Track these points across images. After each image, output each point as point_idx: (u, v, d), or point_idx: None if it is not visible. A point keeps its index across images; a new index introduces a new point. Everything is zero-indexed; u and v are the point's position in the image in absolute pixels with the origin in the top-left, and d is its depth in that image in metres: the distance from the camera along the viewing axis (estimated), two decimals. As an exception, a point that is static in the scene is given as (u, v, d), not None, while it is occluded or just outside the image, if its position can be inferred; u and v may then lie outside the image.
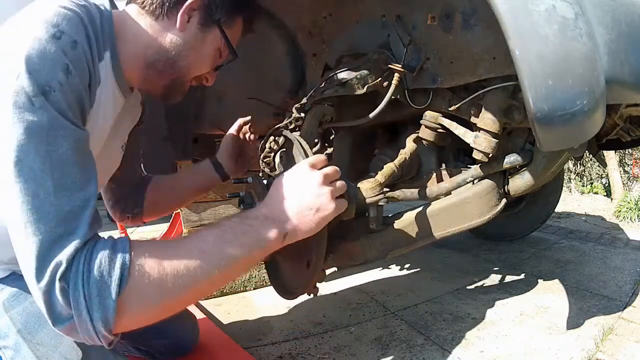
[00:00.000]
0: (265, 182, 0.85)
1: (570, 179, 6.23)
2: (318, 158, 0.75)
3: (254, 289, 1.75)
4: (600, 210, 3.46)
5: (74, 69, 0.57)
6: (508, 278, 1.73)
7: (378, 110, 0.98)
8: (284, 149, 0.99)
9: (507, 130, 0.97)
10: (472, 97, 0.94)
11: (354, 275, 1.82)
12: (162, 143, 1.28)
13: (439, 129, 1.00)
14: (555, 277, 1.69)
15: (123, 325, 0.54)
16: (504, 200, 1.01)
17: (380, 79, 0.99)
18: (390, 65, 0.98)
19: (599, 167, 6.01)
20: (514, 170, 1.01)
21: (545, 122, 0.66)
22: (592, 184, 6.10)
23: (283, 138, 0.98)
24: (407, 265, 1.96)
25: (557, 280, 1.65)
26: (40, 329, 0.70)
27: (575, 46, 0.63)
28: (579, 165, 6.43)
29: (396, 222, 1.00)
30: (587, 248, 2.10)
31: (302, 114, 1.01)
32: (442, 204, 1.00)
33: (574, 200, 4.05)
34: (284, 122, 1.01)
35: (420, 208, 1.01)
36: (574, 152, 0.93)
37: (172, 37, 0.71)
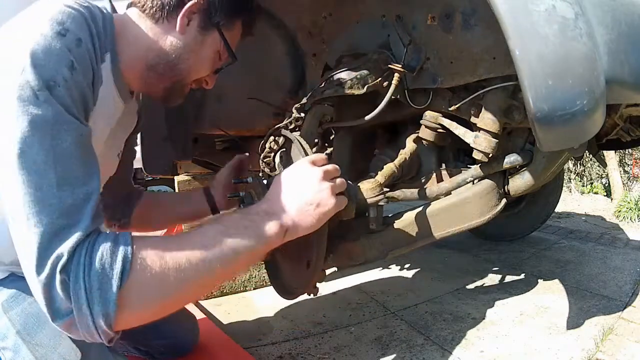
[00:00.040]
0: (265, 182, 0.85)
1: (570, 179, 6.24)
2: (318, 156, 0.76)
3: (254, 289, 1.75)
4: (600, 210, 3.46)
5: (79, 65, 0.57)
6: (508, 278, 1.73)
7: (378, 110, 0.98)
8: (284, 149, 0.99)
9: (507, 130, 0.97)
10: (472, 97, 0.94)
11: (354, 275, 1.82)
12: (162, 143, 1.28)
13: (439, 129, 1.00)
14: (555, 277, 1.69)
15: (124, 320, 0.54)
16: (504, 200, 1.01)
17: (380, 79, 0.99)
18: (390, 65, 0.98)
19: (599, 167, 6.01)
20: (514, 170, 1.01)
21: (545, 122, 0.66)
22: (592, 184, 6.10)
23: (283, 138, 0.99)
24: (407, 265, 1.95)
25: (557, 280, 1.65)
26: (40, 330, 0.70)
27: (575, 46, 0.63)
28: (579, 165, 6.44)
29: (396, 222, 1.00)
30: (587, 248, 2.10)
31: (302, 114, 1.01)
32: (442, 204, 1.00)
33: (574, 200, 4.05)
34: (284, 122, 1.01)
35: (420, 208, 1.01)
36: (574, 152, 0.93)
37: (172, 40, 0.71)
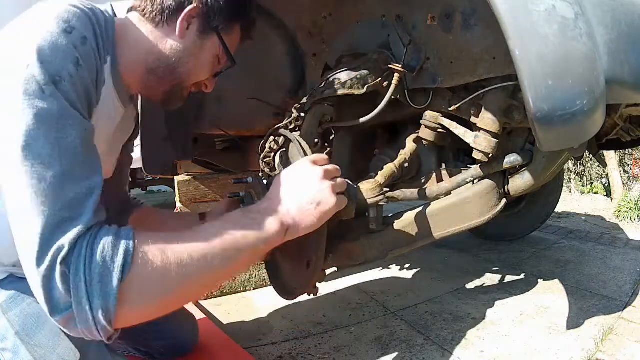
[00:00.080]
0: (265, 182, 0.85)
1: (570, 179, 6.23)
2: (319, 156, 0.76)
3: (254, 289, 1.75)
4: (600, 210, 3.46)
5: (84, 62, 0.58)
6: (508, 278, 1.73)
7: (378, 110, 0.98)
8: (284, 149, 0.99)
9: (507, 130, 0.97)
10: (472, 97, 0.94)
11: (354, 275, 1.82)
12: (162, 143, 1.28)
13: (439, 129, 1.00)
14: (555, 277, 1.69)
15: (124, 316, 0.53)
16: (504, 200, 1.01)
17: (380, 79, 0.99)
18: (390, 65, 0.98)
19: (599, 167, 6.01)
20: (514, 170, 1.01)
21: (545, 122, 0.66)
22: (592, 184, 6.09)
23: (283, 138, 0.99)
24: (407, 265, 1.95)
25: (557, 280, 1.65)
26: (38, 331, 0.70)
27: (575, 46, 0.63)
28: (579, 165, 6.43)
29: (396, 222, 1.00)
30: (587, 248, 2.10)
31: (302, 114, 1.01)
32: (442, 204, 1.00)
33: (574, 200, 4.05)
34: (284, 122, 1.01)
35: (420, 208, 1.01)
36: (574, 152, 0.93)
37: (172, 43, 0.73)
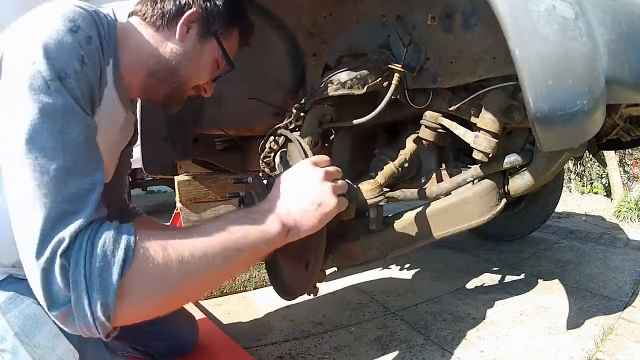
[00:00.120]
0: (265, 182, 0.85)
1: (570, 179, 6.23)
2: (320, 157, 0.76)
3: (254, 289, 1.75)
4: (600, 210, 3.46)
5: (89, 60, 0.59)
6: (508, 278, 1.73)
7: (378, 110, 0.98)
8: (284, 149, 0.99)
9: (507, 130, 0.97)
10: (472, 97, 0.94)
11: (354, 275, 1.82)
12: (162, 143, 1.28)
13: (439, 129, 1.00)
14: (555, 277, 1.69)
15: (123, 312, 0.52)
16: (504, 200, 1.01)
17: (380, 79, 0.99)
18: (390, 65, 0.98)
19: (599, 167, 6.00)
20: (514, 170, 1.00)
21: (545, 122, 0.66)
22: (592, 184, 6.09)
23: (283, 138, 0.99)
24: (407, 265, 1.96)
25: (557, 280, 1.65)
26: (37, 332, 0.70)
27: (575, 46, 0.63)
28: (579, 165, 6.42)
29: (396, 222, 1.00)
30: (587, 248, 2.10)
31: (302, 114, 1.01)
32: (442, 204, 1.00)
33: (574, 200, 4.05)
34: (284, 122, 1.01)
35: (420, 208, 1.01)
36: (574, 152, 0.93)
37: (172, 47, 0.74)
